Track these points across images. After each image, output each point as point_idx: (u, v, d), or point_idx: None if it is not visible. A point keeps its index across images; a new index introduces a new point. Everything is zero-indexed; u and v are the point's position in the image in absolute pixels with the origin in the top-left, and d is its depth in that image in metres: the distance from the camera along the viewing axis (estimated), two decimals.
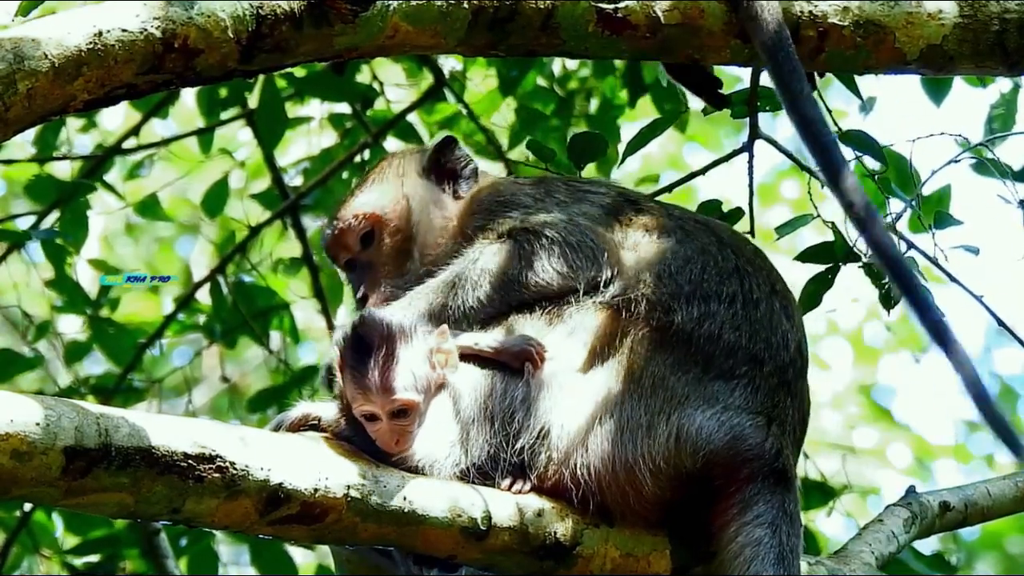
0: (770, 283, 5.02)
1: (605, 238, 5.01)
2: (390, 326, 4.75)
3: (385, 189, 5.31)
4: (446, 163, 5.33)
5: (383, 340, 4.72)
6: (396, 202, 5.27)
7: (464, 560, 4.75)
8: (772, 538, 4.74)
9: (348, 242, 5.27)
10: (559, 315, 4.91)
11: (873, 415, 13.49)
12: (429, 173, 5.32)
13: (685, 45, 4.96)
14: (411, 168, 5.34)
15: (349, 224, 5.26)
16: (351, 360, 4.73)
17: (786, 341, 4.93)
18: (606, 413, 4.78)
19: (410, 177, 5.31)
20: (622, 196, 5.17)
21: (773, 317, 4.95)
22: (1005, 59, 5.00)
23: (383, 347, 4.71)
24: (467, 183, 5.30)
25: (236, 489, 4.45)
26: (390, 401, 4.69)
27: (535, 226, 5.01)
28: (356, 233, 5.26)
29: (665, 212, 5.13)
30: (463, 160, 5.33)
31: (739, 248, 5.07)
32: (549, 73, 8.29)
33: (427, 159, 5.34)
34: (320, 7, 4.65)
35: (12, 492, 4.27)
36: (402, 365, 4.71)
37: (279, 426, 4.81)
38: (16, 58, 4.43)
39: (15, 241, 7.80)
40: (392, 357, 4.71)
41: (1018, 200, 5.59)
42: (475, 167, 5.34)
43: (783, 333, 4.94)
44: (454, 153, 5.33)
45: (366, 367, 4.69)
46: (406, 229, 5.22)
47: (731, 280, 4.94)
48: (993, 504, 5.39)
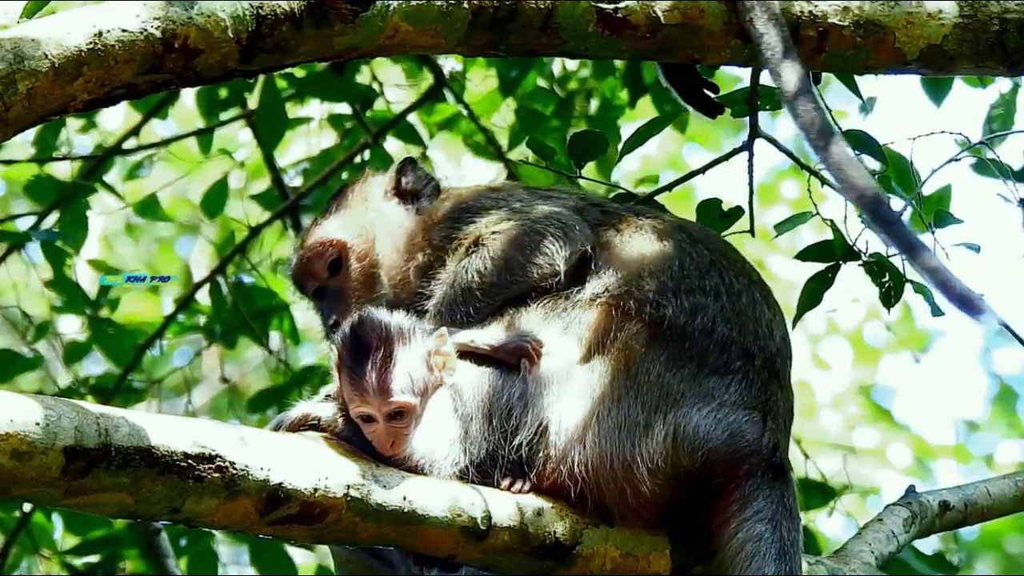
0: (746, 274, 5.06)
1: (574, 218, 5.07)
2: (388, 327, 4.75)
3: (349, 215, 5.34)
4: (408, 184, 5.35)
5: (381, 341, 4.72)
6: (361, 227, 5.30)
7: (464, 560, 4.75)
8: (773, 533, 4.74)
9: (316, 270, 5.30)
10: (553, 312, 4.93)
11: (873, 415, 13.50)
12: (392, 195, 5.35)
13: (685, 45, 4.96)
14: (373, 192, 5.37)
15: (316, 252, 5.29)
16: (348, 361, 4.73)
17: (771, 331, 4.96)
18: (604, 410, 4.79)
19: (373, 201, 5.35)
20: (585, 200, 5.23)
21: (756, 307, 4.98)
22: (1005, 59, 5.00)
23: (381, 348, 4.71)
24: (429, 200, 5.33)
25: (236, 489, 4.45)
26: (387, 403, 4.69)
27: (501, 228, 5.06)
28: (324, 261, 5.29)
29: (632, 212, 5.18)
30: (423, 179, 5.37)
31: (711, 243, 5.11)
32: (549, 73, 8.29)
33: (388, 182, 5.37)
34: (320, 7, 4.65)
35: (12, 492, 4.27)
36: (400, 367, 4.71)
37: (279, 426, 4.81)
38: (16, 58, 4.43)
39: (15, 242, 7.80)
40: (390, 359, 4.71)
41: (1018, 199, 5.59)
42: (436, 184, 5.38)
43: (767, 322, 4.97)
44: (414, 173, 5.37)
45: (363, 368, 4.69)
46: (372, 253, 5.26)
47: (710, 274, 4.97)
48: (993, 504, 5.39)
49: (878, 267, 5.45)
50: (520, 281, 4.98)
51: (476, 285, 4.99)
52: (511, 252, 5.00)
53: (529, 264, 4.99)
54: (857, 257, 5.48)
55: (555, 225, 5.05)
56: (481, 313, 4.96)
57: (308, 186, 8.41)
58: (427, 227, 5.25)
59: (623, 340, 4.86)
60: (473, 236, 5.10)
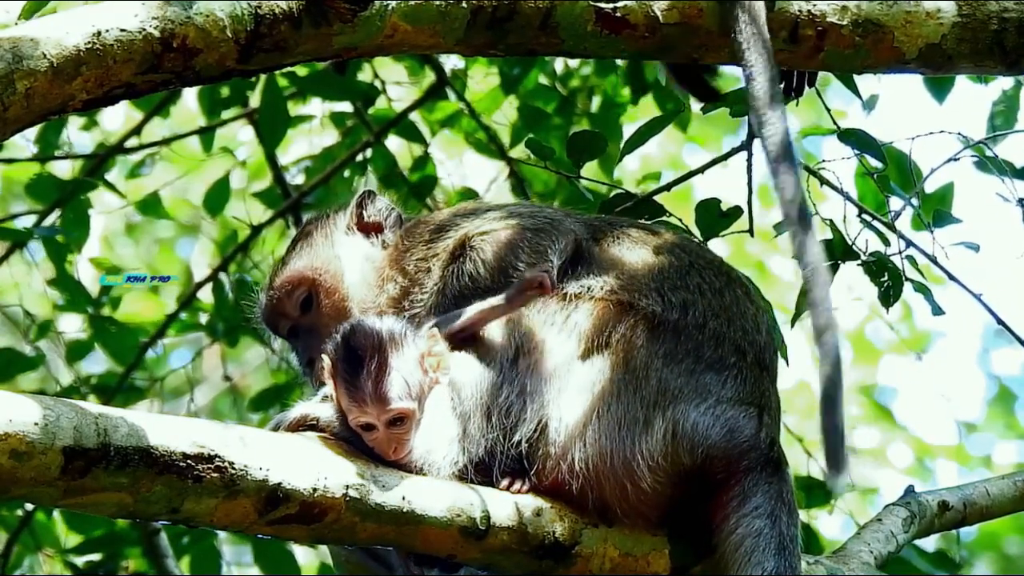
0: (724, 273, 5.07)
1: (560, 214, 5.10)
2: (380, 334, 4.75)
3: (315, 252, 5.32)
4: (369, 216, 5.34)
5: (374, 350, 4.72)
6: (328, 262, 5.28)
7: (463, 560, 4.75)
8: (772, 529, 4.75)
9: (287, 310, 5.28)
10: (549, 309, 4.92)
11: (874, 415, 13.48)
12: (355, 229, 5.34)
13: (684, 44, 4.96)
14: (336, 227, 5.35)
15: (286, 291, 5.27)
16: (344, 372, 4.73)
17: (757, 325, 4.98)
18: (603, 406, 4.79)
19: (337, 236, 5.33)
20: (556, 211, 5.22)
21: (739, 303, 5.00)
22: (1004, 58, 5.00)
23: (375, 357, 4.71)
24: (392, 232, 5.32)
25: (235, 489, 4.45)
26: (385, 411, 4.69)
27: (488, 229, 5.07)
28: (295, 299, 5.27)
29: (605, 222, 5.19)
30: (385, 210, 5.35)
31: (687, 246, 5.13)
32: (551, 71, 8.28)
33: (350, 216, 5.35)
34: (319, 7, 4.65)
35: (11, 492, 4.27)
36: (395, 374, 4.71)
37: (278, 426, 4.81)
38: (15, 58, 4.43)
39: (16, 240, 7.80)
40: (385, 367, 4.71)
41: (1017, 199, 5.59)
42: (398, 214, 5.36)
43: (752, 316, 4.98)
44: (375, 205, 5.35)
45: (359, 379, 4.70)
46: (342, 288, 5.24)
47: (690, 274, 4.99)
48: (992, 503, 5.39)
49: (877, 267, 5.44)
50: (514, 281, 4.97)
51: (470, 291, 4.98)
52: (502, 252, 5.00)
53: (522, 263, 4.98)
54: (856, 257, 5.48)
55: (544, 221, 5.05)
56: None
57: (310, 185, 8.41)
58: (397, 257, 5.23)
59: (621, 335, 4.86)
60: (458, 240, 5.09)
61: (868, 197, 5.78)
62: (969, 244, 5.46)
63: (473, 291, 4.99)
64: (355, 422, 4.71)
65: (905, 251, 5.50)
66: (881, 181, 5.65)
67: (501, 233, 5.05)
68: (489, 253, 5.02)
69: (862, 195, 5.80)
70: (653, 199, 5.65)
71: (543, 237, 5.01)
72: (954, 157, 5.59)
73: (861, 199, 5.75)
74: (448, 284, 5.03)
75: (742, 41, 4.83)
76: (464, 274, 5.01)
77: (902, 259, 5.45)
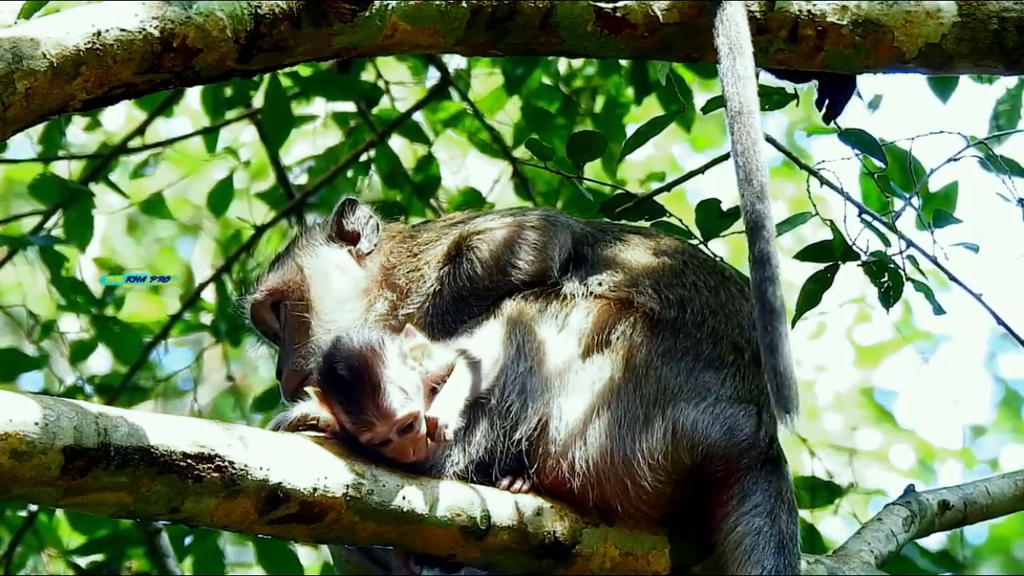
0: (718, 271, 5.09)
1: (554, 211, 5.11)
2: (361, 351, 4.73)
3: (285, 262, 5.34)
4: (349, 225, 5.34)
5: (362, 370, 4.71)
6: (294, 272, 5.29)
7: (463, 559, 4.75)
8: (771, 527, 4.76)
9: (265, 318, 5.33)
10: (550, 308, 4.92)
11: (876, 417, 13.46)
12: (335, 239, 5.34)
13: (684, 44, 4.96)
14: (314, 238, 5.36)
15: (257, 299, 5.32)
16: (340, 400, 4.71)
17: (752, 321, 4.95)
18: (603, 405, 4.80)
19: (311, 247, 5.34)
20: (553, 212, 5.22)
21: (734, 300, 5.01)
22: (1004, 58, 5.00)
23: (364, 375, 4.70)
24: (369, 240, 5.31)
25: (235, 488, 4.46)
26: (393, 424, 4.68)
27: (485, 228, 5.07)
28: (266, 307, 5.31)
29: (596, 226, 5.19)
30: (363, 218, 5.34)
31: (680, 247, 5.14)
32: (554, 71, 8.28)
33: (330, 226, 5.35)
34: (319, 6, 4.65)
35: (11, 492, 4.28)
36: (390, 385, 4.70)
37: (278, 426, 4.82)
38: (15, 57, 4.44)
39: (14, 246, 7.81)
40: (378, 384, 4.70)
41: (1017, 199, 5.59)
42: (376, 223, 5.35)
43: (747, 314, 4.99)
44: (354, 214, 5.34)
45: (358, 403, 4.69)
46: (308, 298, 5.24)
47: (685, 273, 5.00)
48: (992, 503, 5.38)
49: (877, 267, 5.44)
50: (513, 281, 4.97)
51: (468, 292, 4.98)
52: (500, 252, 5.00)
53: (521, 262, 4.98)
54: (856, 257, 5.47)
55: (542, 219, 5.05)
56: (472, 316, 4.96)
57: (313, 185, 8.41)
58: (384, 276, 5.22)
59: (621, 334, 4.87)
60: (453, 242, 5.08)
61: (872, 197, 5.78)
62: (968, 245, 5.45)
63: (472, 292, 4.99)
64: (367, 441, 4.69)
65: (906, 251, 5.49)
66: (882, 181, 5.65)
67: (498, 232, 5.04)
68: (487, 252, 5.01)
69: (866, 195, 5.80)
70: (654, 199, 5.64)
71: (542, 234, 5.01)
72: (955, 157, 5.58)
73: (865, 199, 5.76)
74: (445, 286, 5.03)
75: (718, 47, 4.83)
76: (462, 275, 5.01)
77: (903, 259, 5.45)
